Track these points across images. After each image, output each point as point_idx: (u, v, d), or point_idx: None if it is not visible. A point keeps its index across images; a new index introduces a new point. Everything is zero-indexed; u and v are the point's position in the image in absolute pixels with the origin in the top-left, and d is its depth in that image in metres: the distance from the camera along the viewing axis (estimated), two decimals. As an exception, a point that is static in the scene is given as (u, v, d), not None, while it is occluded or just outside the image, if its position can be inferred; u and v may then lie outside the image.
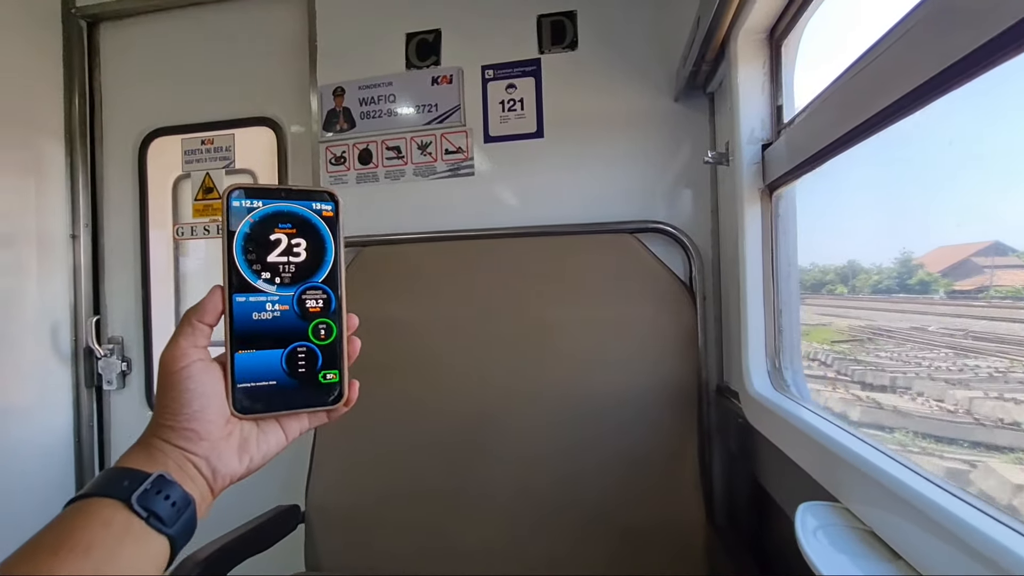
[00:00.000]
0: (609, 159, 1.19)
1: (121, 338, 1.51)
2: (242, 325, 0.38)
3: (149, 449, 0.35)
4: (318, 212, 0.39)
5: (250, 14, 1.44)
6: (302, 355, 0.39)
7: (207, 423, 0.36)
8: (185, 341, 0.37)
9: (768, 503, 0.87)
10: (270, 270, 0.38)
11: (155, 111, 1.49)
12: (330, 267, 0.40)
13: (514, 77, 1.22)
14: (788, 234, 0.84)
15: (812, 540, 0.43)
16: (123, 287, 1.51)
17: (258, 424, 0.39)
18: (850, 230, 0.85)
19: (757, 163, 0.86)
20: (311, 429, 0.42)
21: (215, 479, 0.36)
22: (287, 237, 0.39)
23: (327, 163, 1.32)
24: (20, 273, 1.41)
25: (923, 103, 0.49)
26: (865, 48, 0.58)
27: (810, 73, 0.80)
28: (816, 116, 0.70)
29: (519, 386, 1.10)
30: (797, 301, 0.85)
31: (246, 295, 0.38)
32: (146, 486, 0.33)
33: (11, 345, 1.38)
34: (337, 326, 0.40)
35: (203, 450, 0.36)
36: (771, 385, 0.84)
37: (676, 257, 1.14)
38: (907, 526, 0.41)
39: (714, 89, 1.10)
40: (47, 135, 1.46)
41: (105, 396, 1.53)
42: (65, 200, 1.48)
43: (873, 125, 0.56)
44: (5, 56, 1.38)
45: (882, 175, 0.72)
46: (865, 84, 0.56)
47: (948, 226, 0.64)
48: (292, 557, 1.11)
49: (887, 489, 0.44)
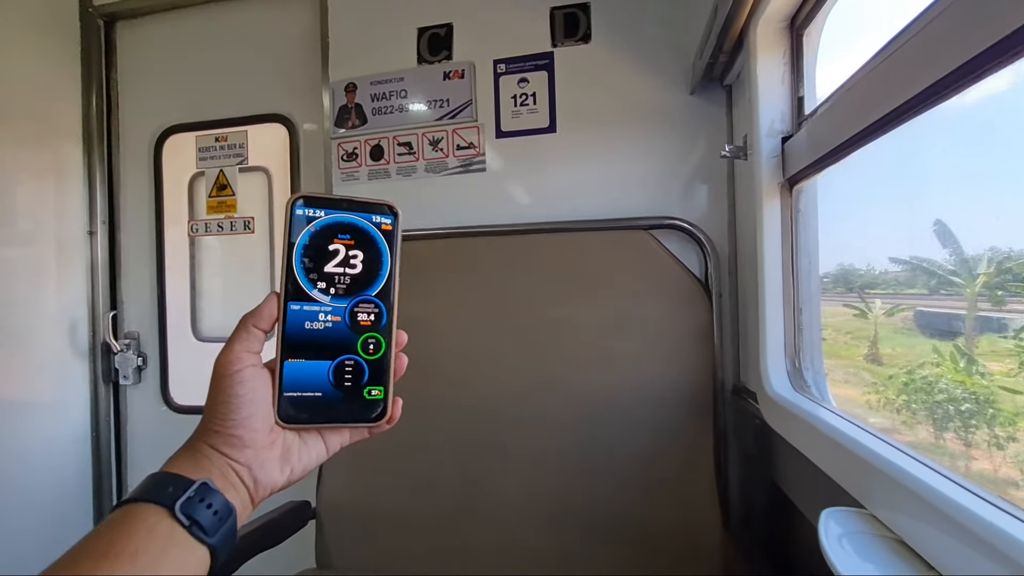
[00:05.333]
0: (623, 154, 1.16)
1: (137, 333, 1.53)
2: (294, 333, 0.38)
3: (195, 455, 0.35)
4: (377, 225, 0.39)
5: (263, 11, 1.44)
6: (349, 369, 0.38)
7: (252, 431, 0.36)
8: (239, 346, 0.37)
9: (786, 506, 0.85)
10: (326, 280, 0.38)
11: (170, 109, 1.50)
12: (384, 281, 0.39)
13: (526, 71, 1.20)
14: (809, 229, 0.82)
15: (837, 548, 0.41)
16: (139, 283, 1.53)
17: (301, 435, 0.39)
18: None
19: (777, 156, 0.83)
20: (351, 443, 0.42)
21: (256, 488, 0.36)
22: (345, 248, 0.38)
23: (339, 159, 1.32)
24: (40, 270, 1.44)
25: (957, 89, 0.47)
26: (893, 34, 0.56)
27: (833, 63, 0.77)
28: (840, 107, 0.68)
29: (532, 384, 1.09)
30: (818, 299, 0.82)
31: (300, 303, 0.38)
32: (190, 494, 0.33)
33: (31, 340, 1.40)
34: (386, 342, 0.39)
35: (246, 458, 0.36)
36: (791, 386, 0.81)
37: (691, 254, 1.11)
38: (941, 536, 0.39)
39: (731, 81, 1.08)
40: (65, 134, 1.48)
41: (121, 391, 1.55)
42: (83, 198, 1.50)
43: (902, 114, 0.54)
44: (25, 57, 1.40)
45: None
46: (894, 71, 0.53)
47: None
48: (303, 553, 1.11)
49: (918, 496, 0.42)
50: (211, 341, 1.51)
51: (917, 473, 0.44)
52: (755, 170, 0.85)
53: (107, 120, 1.53)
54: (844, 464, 0.56)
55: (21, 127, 1.39)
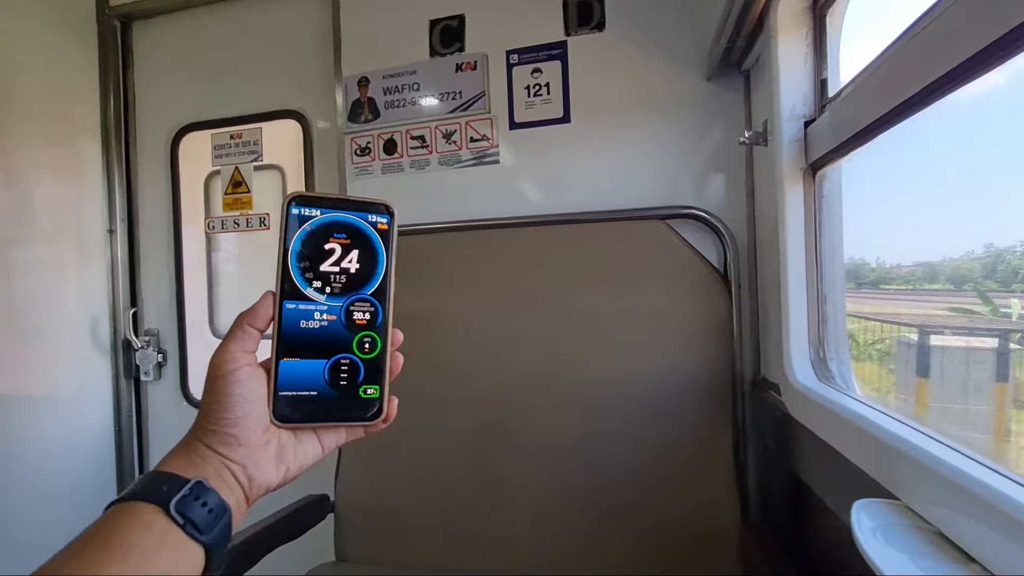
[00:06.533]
0: (638, 143, 1.15)
1: (157, 330, 1.56)
2: (289, 332, 0.38)
3: (190, 453, 0.35)
4: (373, 224, 0.39)
5: (275, 8, 1.45)
6: (344, 368, 0.38)
7: (247, 429, 0.36)
8: (235, 345, 0.37)
9: (807, 499, 0.83)
10: (321, 279, 0.38)
11: (186, 107, 1.52)
12: (380, 280, 0.39)
13: (540, 61, 1.19)
14: (833, 215, 0.80)
15: (872, 541, 0.40)
16: (158, 280, 1.55)
17: (296, 434, 0.39)
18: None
19: (799, 141, 0.81)
20: (347, 443, 0.41)
21: (251, 487, 0.36)
22: (341, 247, 0.38)
23: (352, 154, 1.32)
24: (62, 268, 1.46)
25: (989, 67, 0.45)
26: (922, 11, 0.53)
27: (858, 43, 0.75)
28: (866, 88, 0.65)
29: (547, 376, 1.08)
30: (842, 287, 0.80)
31: (296, 302, 0.38)
32: (184, 492, 0.33)
33: (55, 337, 1.43)
34: (382, 340, 0.39)
35: (241, 457, 0.36)
36: (815, 376, 0.79)
37: (709, 243, 1.09)
38: (981, 527, 0.38)
39: (750, 66, 1.05)
40: (84, 134, 1.50)
41: (142, 387, 1.57)
42: (102, 196, 1.53)
43: (932, 92, 0.52)
44: (44, 59, 1.42)
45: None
46: (923, 49, 0.51)
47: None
48: (322, 546, 1.12)
49: (956, 486, 0.40)
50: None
51: (954, 462, 0.43)
52: (776, 155, 0.83)
53: (125, 119, 1.55)
54: (875, 454, 0.55)
55: (43, 128, 1.42)
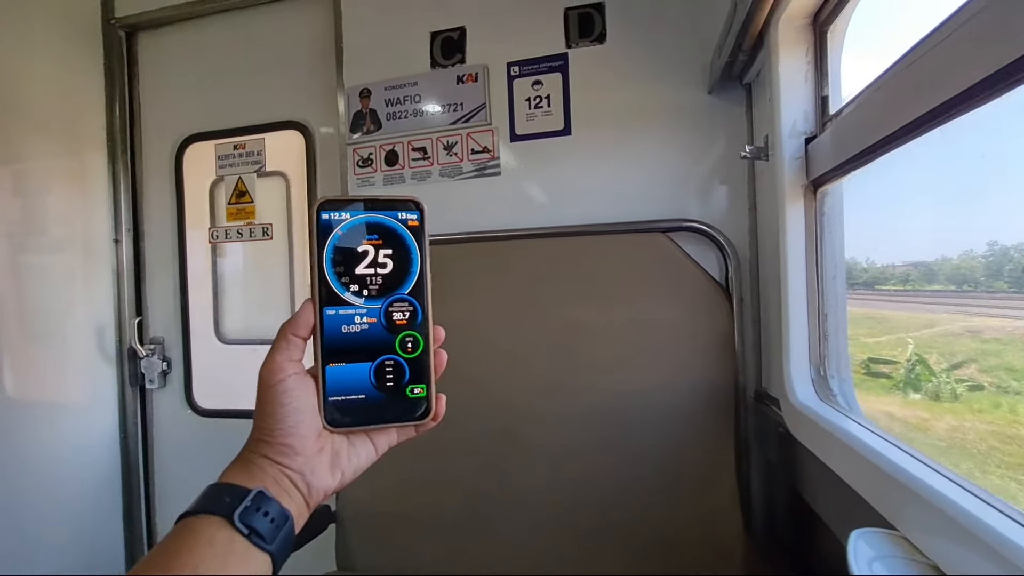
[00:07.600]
0: (640, 156, 1.14)
1: (162, 338, 1.57)
2: (332, 338, 0.38)
3: (248, 465, 0.36)
4: (404, 222, 0.39)
5: (278, 19, 1.46)
6: (389, 369, 0.38)
7: (301, 438, 0.36)
8: (281, 356, 0.37)
9: (809, 515, 0.83)
10: (358, 282, 0.38)
11: (190, 117, 1.53)
12: (416, 278, 0.39)
13: (540, 73, 1.19)
14: (835, 233, 0.79)
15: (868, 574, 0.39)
16: (163, 289, 1.56)
17: (348, 438, 0.39)
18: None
19: (800, 158, 0.80)
20: (400, 443, 0.42)
21: (310, 494, 0.37)
22: (374, 248, 0.38)
23: (354, 165, 1.32)
24: (69, 277, 1.48)
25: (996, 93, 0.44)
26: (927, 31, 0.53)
27: (859, 61, 0.74)
28: (867, 107, 0.65)
29: (549, 389, 1.08)
30: (844, 304, 0.79)
31: (336, 308, 0.38)
32: (247, 503, 0.33)
33: (61, 346, 1.45)
34: (424, 339, 0.39)
35: (298, 465, 0.36)
36: (815, 395, 0.79)
37: (711, 257, 1.09)
38: (982, 565, 0.37)
39: (751, 80, 1.05)
40: (90, 144, 1.52)
41: (148, 394, 1.58)
42: (108, 206, 1.54)
43: (936, 117, 0.51)
44: (51, 69, 1.43)
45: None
46: (927, 70, 0.51)
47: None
48: (324, 556, 1.12)
49: (955, 521, 0.40)
50: (234, 343, 1.53)
51: (954, 496, 0.43)
52: (777, 172, 0.82)
53: (130, 129, 1.56)
54: (873, 481, 0.54)
55: (49, 138, 1.43)
